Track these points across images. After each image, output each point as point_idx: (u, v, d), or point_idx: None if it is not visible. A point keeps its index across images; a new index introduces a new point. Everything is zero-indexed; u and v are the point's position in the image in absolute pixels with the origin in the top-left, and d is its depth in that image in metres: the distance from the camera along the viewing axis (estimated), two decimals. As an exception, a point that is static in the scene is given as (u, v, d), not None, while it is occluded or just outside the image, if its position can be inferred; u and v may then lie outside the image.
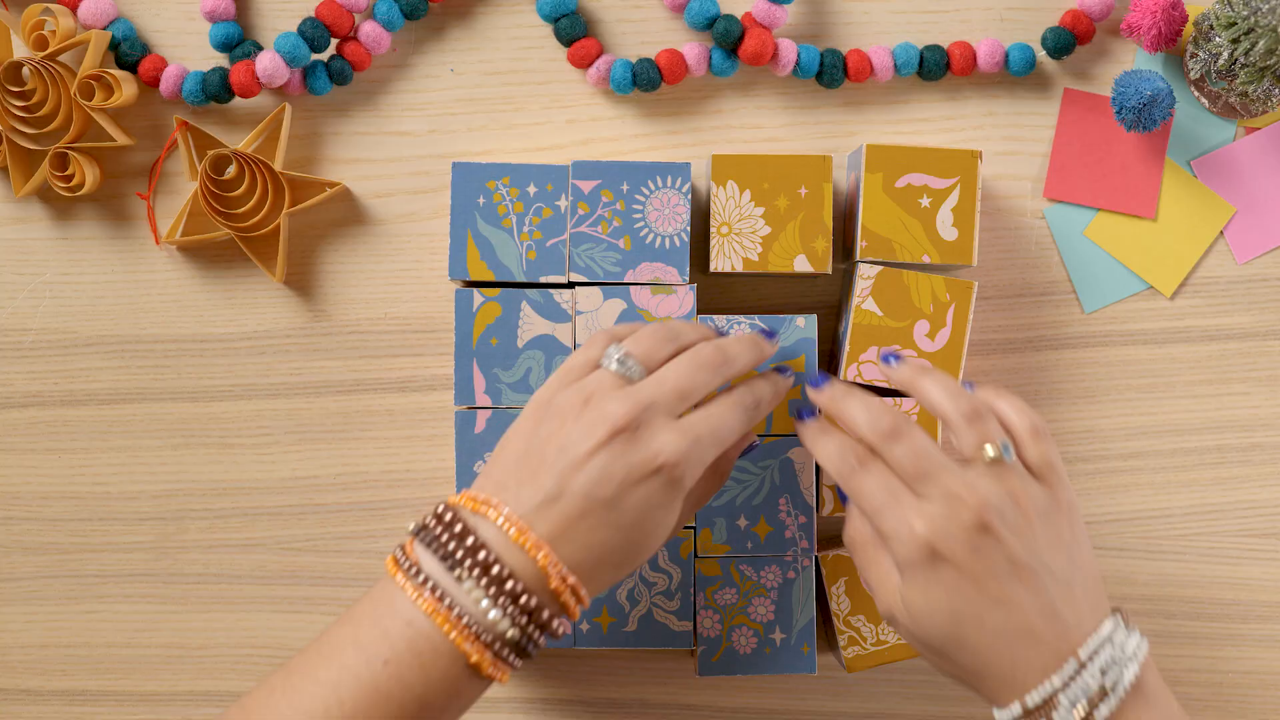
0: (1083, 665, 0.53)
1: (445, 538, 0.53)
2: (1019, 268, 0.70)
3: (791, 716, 0.71)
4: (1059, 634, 0.54)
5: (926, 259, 0.65)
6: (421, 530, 0.54)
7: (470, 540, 0.53)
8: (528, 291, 0.65)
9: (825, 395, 0.61)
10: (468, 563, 0.52)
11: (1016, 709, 0.54)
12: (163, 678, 0.71)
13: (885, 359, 0.62)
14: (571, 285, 0.66)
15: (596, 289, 0.65)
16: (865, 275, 0.65)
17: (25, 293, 0.71)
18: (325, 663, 0.53)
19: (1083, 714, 0.53)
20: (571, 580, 0.53)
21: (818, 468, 0.66)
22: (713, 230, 0.65)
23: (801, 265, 0.65)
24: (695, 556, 0.66)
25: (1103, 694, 0.53)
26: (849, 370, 0.65)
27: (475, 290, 0.65)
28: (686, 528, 0.66)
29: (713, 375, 0.57)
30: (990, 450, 0.55)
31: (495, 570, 0.52)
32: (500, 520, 0.53)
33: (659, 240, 0.65)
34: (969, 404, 0.57)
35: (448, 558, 0.53)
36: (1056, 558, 0.55)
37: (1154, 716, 0.54)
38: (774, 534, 0.66)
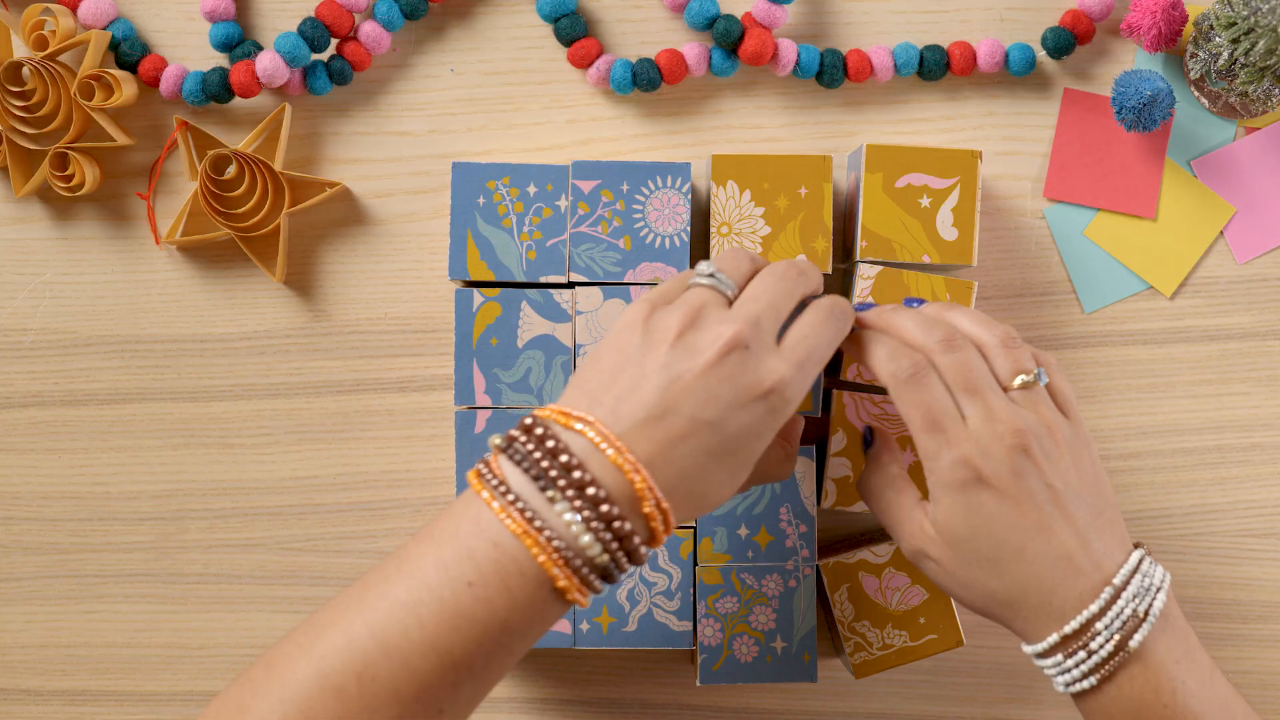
0: (1118, 593, 0.54)
1: (538, 454, 0.50)
2: (1019, 268, 0.70)
3: (791, 717, 0.71)
4: (1094, 563, 0.54)
5: (926, 259, 0.65)
6: (509, 445, 0.51)
7: (564, 458, 0.50)
8: (528, 291, 0.65)
9: (873, 314, 0.60)
10: (561, 482, 0.49)
11: (1053, 638, 0.54)
12: (163, 678, 0.71)
13: (909, 303, 0.62)
14: (571, 285, 0.66)
15: (596, 289, 0.65)
16: (865, 275, 0.65)
17: (25, 293, 0.71)
18: (404, 582, 0.50)
19: (1118, 641, 0.53)
20: (665, 505, 0.50)
21: (819, 473, 0.66)
22: (713, 230, 0.65)
23: (801, 265, 0.65)
24: (695, 565, 0.66)
25: (1136, 622, 0.54)
26: (849, 370, 0.65)
27: (475, 290, 0.65)
28: (686, 527, 0.66)
29: (795, 284, 0.56)
30: (1025, 376, 0.56)
31: (591, 491, 0.49)
32: (595, 437, 0.50)
33: (659, 240, 0.65)
34: (1004, 330, 0.58)
35: (540, 476, 0.50)
36: (1084, 487, 0.56)
37: (1179, 645, 0.55)
38: (775, 543, 0.66)
